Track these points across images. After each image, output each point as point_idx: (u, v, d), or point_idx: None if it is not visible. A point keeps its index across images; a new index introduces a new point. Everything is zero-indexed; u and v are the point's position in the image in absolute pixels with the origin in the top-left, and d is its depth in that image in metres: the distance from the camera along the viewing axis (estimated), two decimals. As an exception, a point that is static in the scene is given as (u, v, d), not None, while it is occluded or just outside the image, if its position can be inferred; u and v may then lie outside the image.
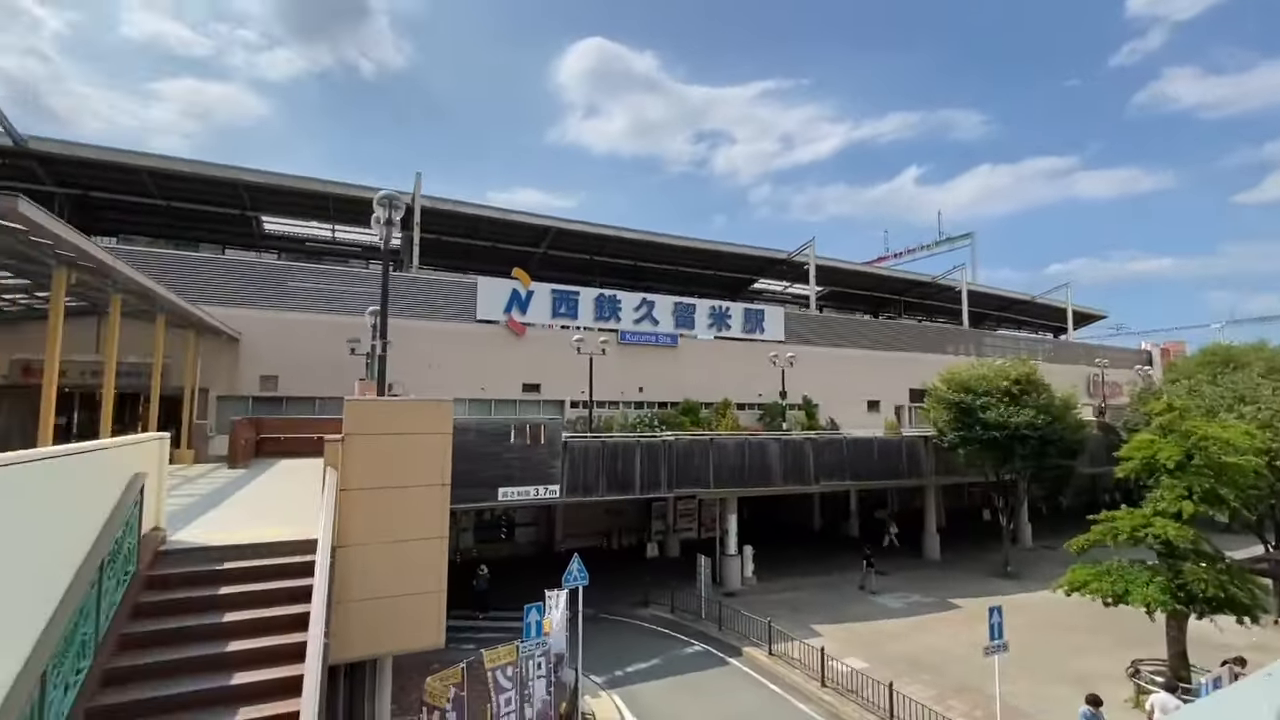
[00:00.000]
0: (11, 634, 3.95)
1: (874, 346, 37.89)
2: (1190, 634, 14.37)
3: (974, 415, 23.49)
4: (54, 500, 4.50)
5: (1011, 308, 52.30)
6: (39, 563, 4.29)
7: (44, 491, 4.34)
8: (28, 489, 4.10)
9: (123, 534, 5.45)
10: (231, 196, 27.11)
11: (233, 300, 23.05)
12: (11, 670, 3.92)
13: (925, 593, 22.64)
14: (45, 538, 4.40)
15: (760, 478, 22.36)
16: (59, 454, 4.53)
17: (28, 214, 8.22)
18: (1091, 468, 30.47)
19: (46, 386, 11.55)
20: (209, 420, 22.22)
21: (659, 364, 30.71)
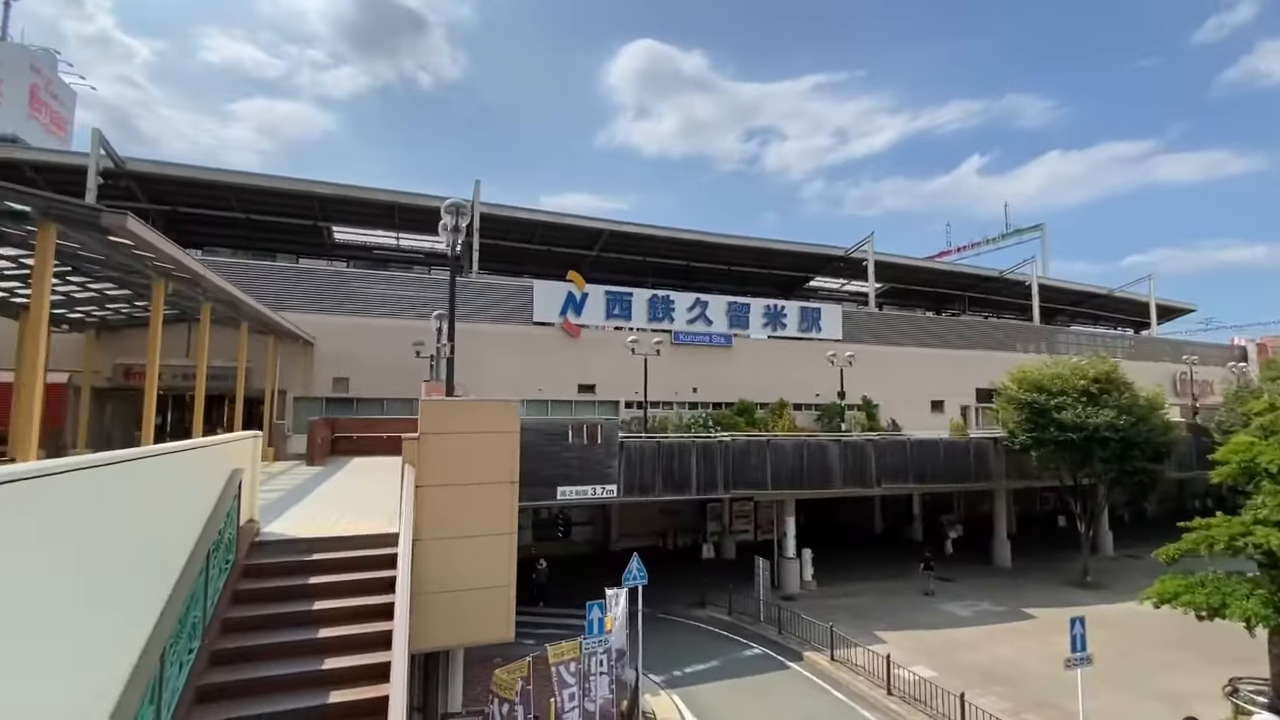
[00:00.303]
0: (138, 614, 4.33)
1: (937, 345, 36.58)
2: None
3: (1048, 416, 22.34)
4: (172, 491, 4.91)
5: (1087, 302, 49.46)
6: (160, 549, 4.68)
7: (164, 483, 4.73)
8: (152, 480, 4.49)
9: (225, 525, 5.88)
10: (305, 208, 28.60)
11: (308, 306, 24.31)
12: (138, 647, 4.29)
13: (996, 601, 21.69)
14: (165, 526, 4.80)
15: (820, 480, 21.94)
16: (178, 449, 4.93)
17: (135, 229, 8.93)
18: (1179, 472, 28.49)
19: (148, 389, 12.50)
20: (287, 420, 23.49)
21: (713, 364, 30.57)
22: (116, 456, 3.89)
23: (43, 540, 3.19)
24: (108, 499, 3.86)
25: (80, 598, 3.55)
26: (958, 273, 45.09)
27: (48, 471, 3.08)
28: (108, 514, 3.89)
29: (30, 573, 3.11)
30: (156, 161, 25.46)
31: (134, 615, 4.26)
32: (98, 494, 3.73)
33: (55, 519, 3.27)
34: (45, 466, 3.10)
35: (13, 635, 2.94)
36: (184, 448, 5.14)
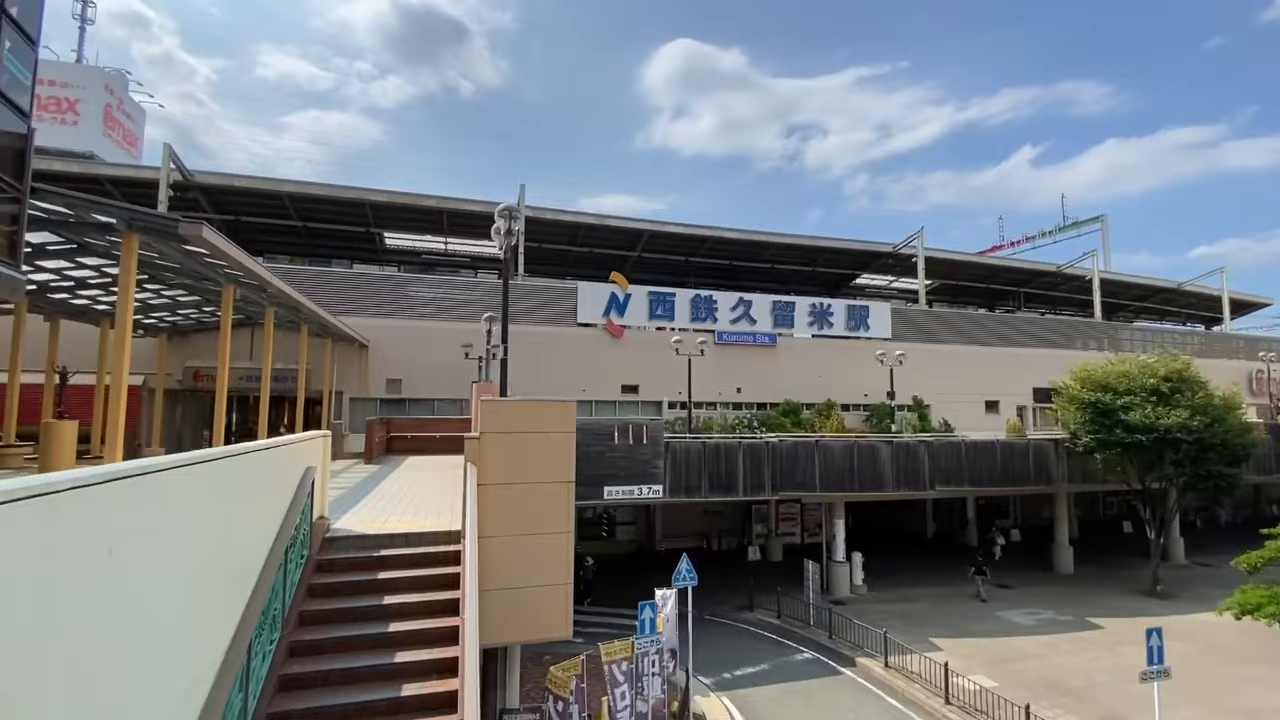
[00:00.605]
0: (230, 605, 4.54)
1: (991, 343, 35.35)
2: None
3: (1114, 416, 21.32)
4: (257, 487, 5.13)
5: (1153, 297, 46.99)
6: (248, 542, 4.90)
7: (251, 480, 4.95)
8: (242, 477, 4.70)
9: (300, 520, 6.11)
10: (358, 215, 29.56)
11: (363, 310, 25.10)
12: (229, 636, 4.50)
13: (1059, 609, 20.82)
14: (252, 520, 5.02)
15: (870, 482, 21.47)
16: (262, 448, 5.16)
17: (210, 238, 9.38)
18: (1258, 476, 26.82)
19: (219, 390, 13.12)
20: (344, 419, 24.31)
21: (757, 364, 30.25)
22: (212, 454, 4.09)
23: (159, 530, 3.37)
24: (207, 494, 4.05)
25: (187, 586, 3.74)
26: (1012, 268, 43.45)
27: (165, 466, 3.25)
28: (208, 507, 4.09)
29: (152, 560, 3.29)
30: (221, 174, 26.73)
31: (227, 605, 4.47)
32: (199, 489, 3.92)
33: (170, 511, 3.46)
34: (163, 462, 3.28)
35: (134, 621, 3.11)
36: (267, 446, 5.37)
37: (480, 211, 29.18)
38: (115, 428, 9.19)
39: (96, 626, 2.80)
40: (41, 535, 2.46)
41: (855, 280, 41.35)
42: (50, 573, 2.51)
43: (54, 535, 2.53)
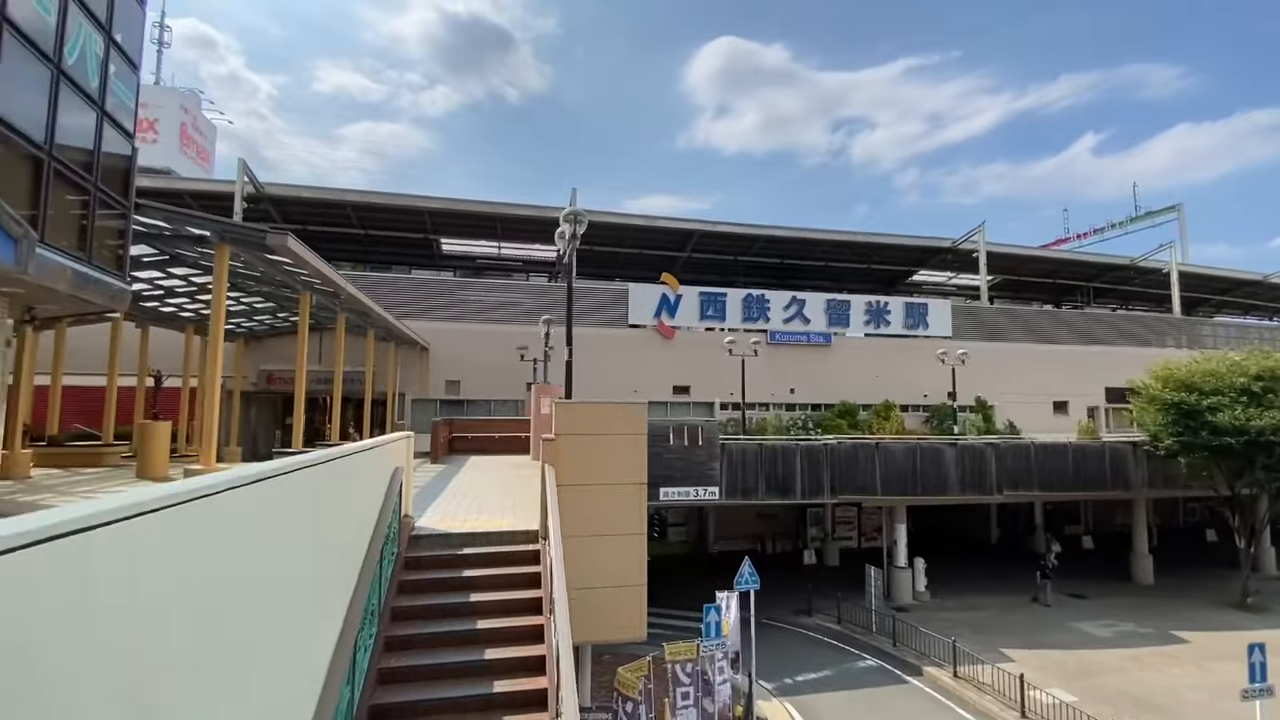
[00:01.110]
0: (339, 599, 4.74)
1: (1059, 340, 33.81)
2: None
3: (1200, 418, 20.05)
4: (357, 486, 5.36)
5: (1235, 290, 44.03)
6: (351, 539, 5.11)
7: (352, 479, 5.17)
8: (345, 476, 4.91)
9: (392, 518, 6.34)
10: (416, 222, 30.49)
11: (423, 314, 25.87)
12: (338, 630, 4.69)
13: (1139, 621, 19.73)
14: (355, 517, 5.24)
15: (933, 486, 20.82)
16: (362, 449, 5.38)
17: (294, 248, 9.84)
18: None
19: (297, 391, 13.73)
20: (406, 420, 25.09)
21: (811, 364, 29.77)
22: (330, 454, 4.29)
23: (287, 526, 3.55)
24: (323, 492, 4.25)
25: (311, 578, 3.92)
26: (1080, 261, 41.41)
27: (299, 466, 3.42)
28: (324, 505, 4.28)
29: (284, 551, 3.46)
30: (290, 185, 28.02)
31: (338, 599, 4.67)
32: (316, 488, 4.12)
33: (295, 509, 3.64)
34: (292, 463, 3.45)
35: (275, 610, 3.28)
36: (365, 447, 5.59)
37: (532, 216, 29.69)
38: (210, 428, 9.74)
39: (251, 614, 2.95)
40: (208, 530, 2.62)
41: (912, 277, 40.21)
42: (216, 566, 2.67)
43: (217, 529, 2.69)
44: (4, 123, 6.40)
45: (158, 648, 2.23)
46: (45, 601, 1.63)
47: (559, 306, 26.95)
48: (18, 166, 6.82)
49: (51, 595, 1.66)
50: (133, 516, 2.05)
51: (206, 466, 9.51)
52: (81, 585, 1.83)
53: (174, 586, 2.34)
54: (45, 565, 1.61)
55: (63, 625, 1.71)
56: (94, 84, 8.05)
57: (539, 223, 30.27)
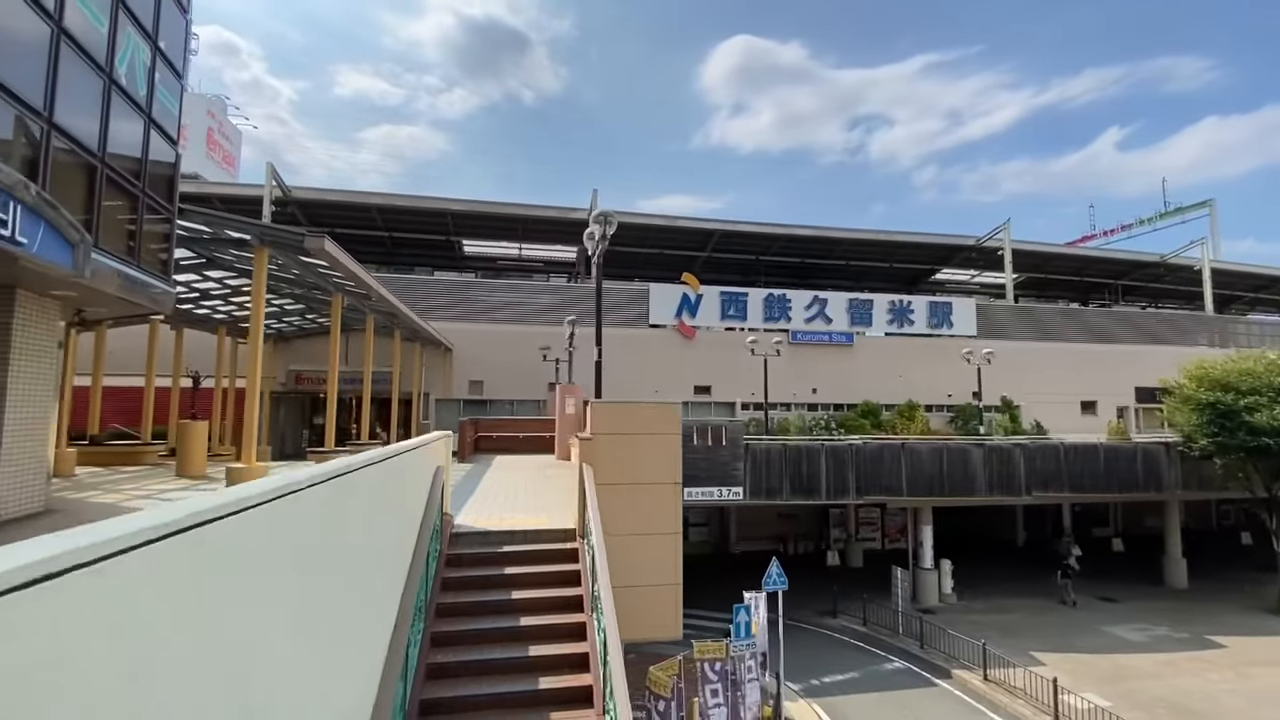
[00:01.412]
0: (393, 594, 4.83)
1: (1087, 339, 33.24)
2: None
3: (1236, 418, 19.61)
4: (407, 483, 5.46)
5: (1271, 287, 42.93)
6: (403, 535, 5.21)
7: (403, 476, 5.27)
8: (398, 474, 5.01)
9: (435, 516, 6.44)
10: (439, 224, 30.80)
11: (447, 315, 26.13)
12: (391, 625, 4.79)
13: (1173, 626, 19.34)
14: (405, 514, 5.34)
15: (961, 487, 20.58)
16: (411, 447, 5.49)
17: (331, 250, 10.02)
18: None
19: (329, 392, 13.95)
20: (431, 420, 25.37)
21: (832, 364, 29.58)
22: (383, 454, 4.38)
23: (350, 522, 3.63)
24: (378, 489, 4.35)
25: (369, 574, 4.01)
26: (1108, 259, 40.64)
27: (366, 463, 3.51)
28: (379, 502, 4.38)
29: (348, 548, 3.55)
30: (316, 189, 28.48)
31: (392, 596, 4.76)
32: (374, 485, 4.21)
33: (356, 505, 3.72)
34: (360, 460, 3.54)
35: (342, 607, 3.36)
36: (413, 446, 5.70)
37: (553, 218, 29.85)
38: (250, 427, 9.95)
39: (330, 608, 3.03)
40: (294, 525, 2.69)
41: (934, 276, 39.77)
42: (301, 561, 2.75)
43: (301, 524, 2.76)
44: (64, 133, 6.61)
45: (255, 642, 2.29)
46: (164, 594, 1.68)
47: (581, 306, 27.11)
48: (74, 174, 7.04)
49: (168, 590, 1.71)
50: (239, 511, 2.12)
51: (249, 466, 9.71)
52: (195, 581, 1.89)
53: (271, 581, 2.41)
54: (162, 560, 1.66)
55: (173, 617, 1.75)
56: (142, 92, 8.27)
57: (560, 224, 30.47)
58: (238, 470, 9.66)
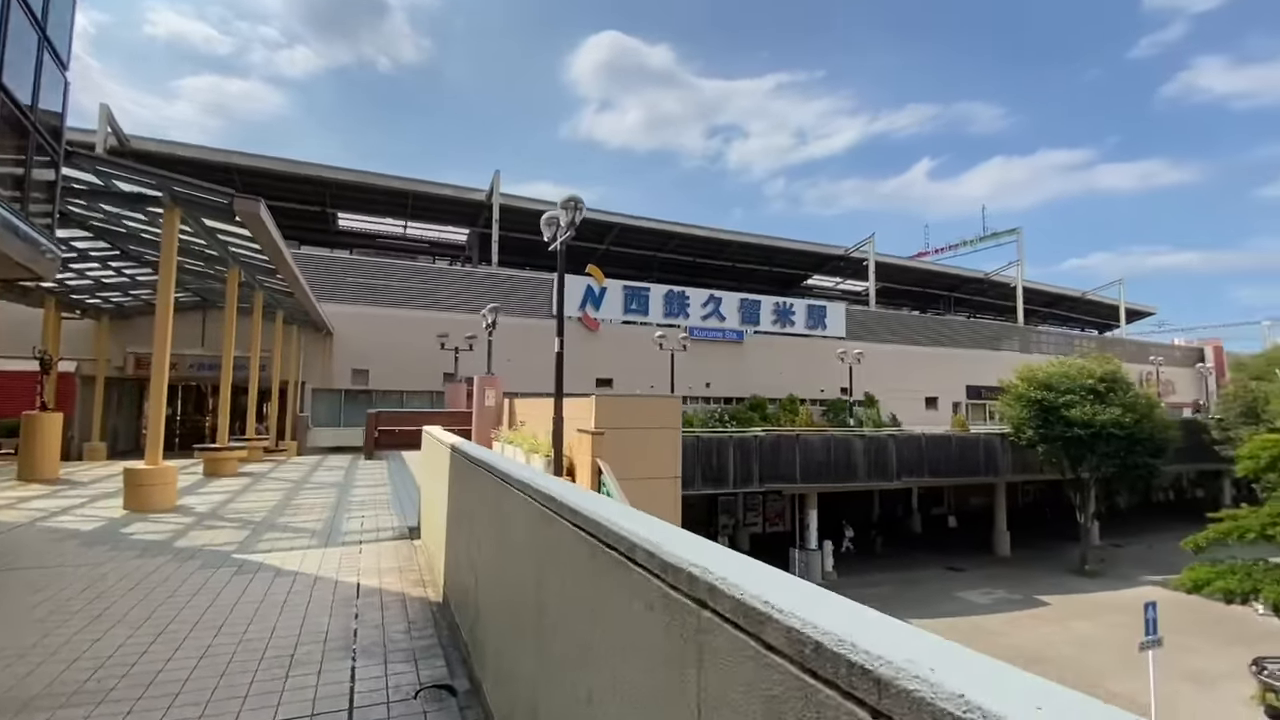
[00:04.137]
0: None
1: (931, 343, 37.85)
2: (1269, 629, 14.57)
3: (1056, 413, 23.50)
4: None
5: (1059, 304, 51.86)
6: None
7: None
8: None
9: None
10: (315, 194, 27.69)
11: (328, 296, 23.60)
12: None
13: (1009, 589, 22.74)
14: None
15: (845, 474, 22.60)
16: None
17: (265, 217, 8.64)
18: (1165, 466, 30.31)
19: (223, 380, 12.07)
20: (308, 412, 22.83)
21: (725, 360, 30.97)
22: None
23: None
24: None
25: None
26: (947, 274, 46.64)
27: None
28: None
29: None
30: (165, 141, 24.25)
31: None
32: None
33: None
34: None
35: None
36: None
37: (450, 197, 28.18)
38: (156, 425, 8.31)
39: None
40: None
41: (806, 281, 43.04)
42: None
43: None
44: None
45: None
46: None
47: (480, 293, 25.88)
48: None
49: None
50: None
51: (153, 466, 8.12)
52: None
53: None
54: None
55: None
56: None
57: (456, 204, 28.82)
58: (140, 472, 8.02)
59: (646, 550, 1.46)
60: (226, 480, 11.23)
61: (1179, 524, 33.94)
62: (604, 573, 1.62)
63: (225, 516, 8.39)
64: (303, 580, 5.60)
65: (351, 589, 5.35)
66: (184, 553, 6.60)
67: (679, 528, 1.73)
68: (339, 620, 4.57)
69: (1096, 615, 19.71)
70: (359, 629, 4.39)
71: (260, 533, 7.56)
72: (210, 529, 7.70)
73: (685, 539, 1.53)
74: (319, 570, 5.94)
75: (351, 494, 10.84)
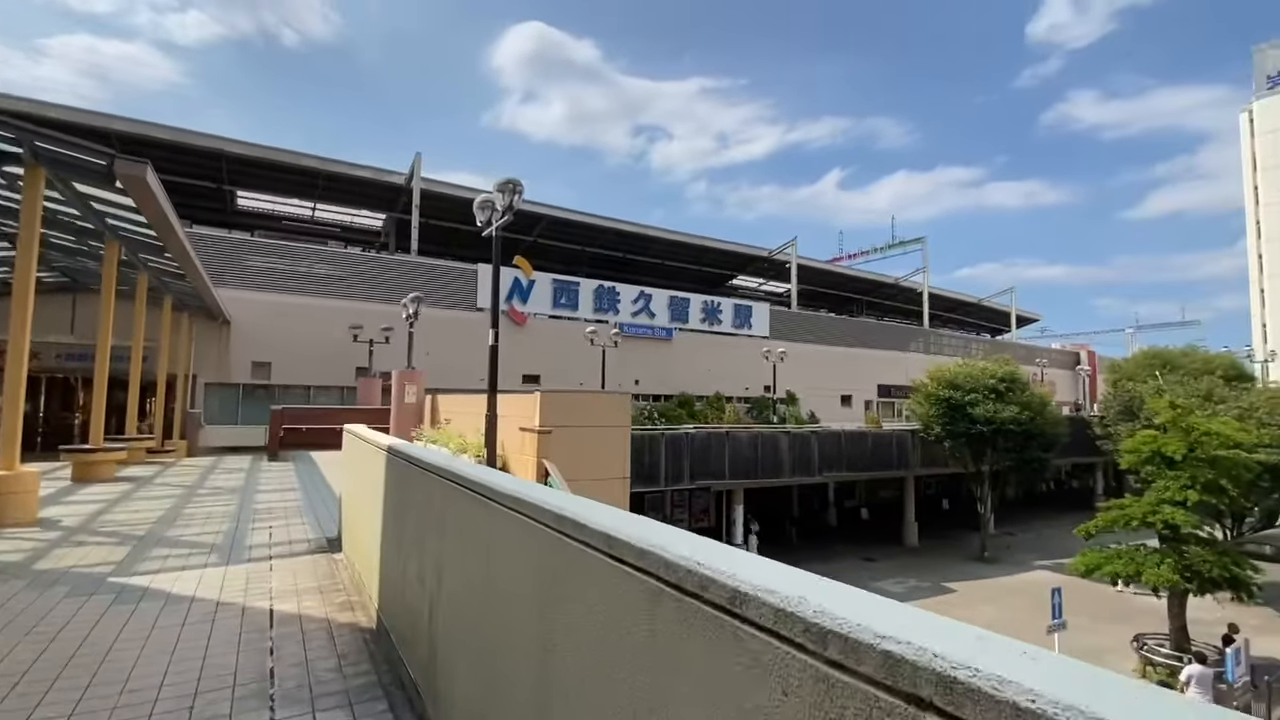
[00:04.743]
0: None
1: (846, 343, 39.48)
2: (1140, 607, 16.16)
3: (962, 411, 25.01)
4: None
5: (959, 309, 55.62)
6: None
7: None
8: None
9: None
10: (210, 168, 25.09)
11: (224, 280, 21.43)
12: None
13: (919, 577, 23.98)
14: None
15: (771, 470, 23.05)
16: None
17: (152, 184, 7.47)
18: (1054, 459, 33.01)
19: (98, 370, 10.53)
20: (200, 409, 20.66)
21: (654, 356, 30.89)
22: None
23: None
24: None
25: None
26: (860, 278, 48.86)
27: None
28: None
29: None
30: (30, 100, 21.07)
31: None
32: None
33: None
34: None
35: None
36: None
37: (366, 179, 26.42)
38: (14, 421, 6.98)
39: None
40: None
41: (731, 281, 43.79)
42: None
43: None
44: None
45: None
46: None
47: (399, 282, 24.43)
48: None
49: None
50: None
51: (8, 472, 6.82)
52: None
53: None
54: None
55: None
56: None
57: (372, 186, 27.06)
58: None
59: (759, 600, 1.02)
60: (101, 487, 9.75)
61: (1060, 512, 37.30)
62: (680, 635, 1.17)
63: (100, 531, 7.21)
64: (201, 608, 4.76)
65: (264, 616, 4.59)
66: (46, 577, 5.53)
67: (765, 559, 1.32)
68: (250, 658, 3.85)
69: (998, 599, 21.12)
70: (276, 668, 3.71)
71: (145, 550, 6.51)
72: (80, 546, 6.56)
73: (800, 578, 1.12)
74: (221, 594, 5.09)
75: (256, 500, 9.70)
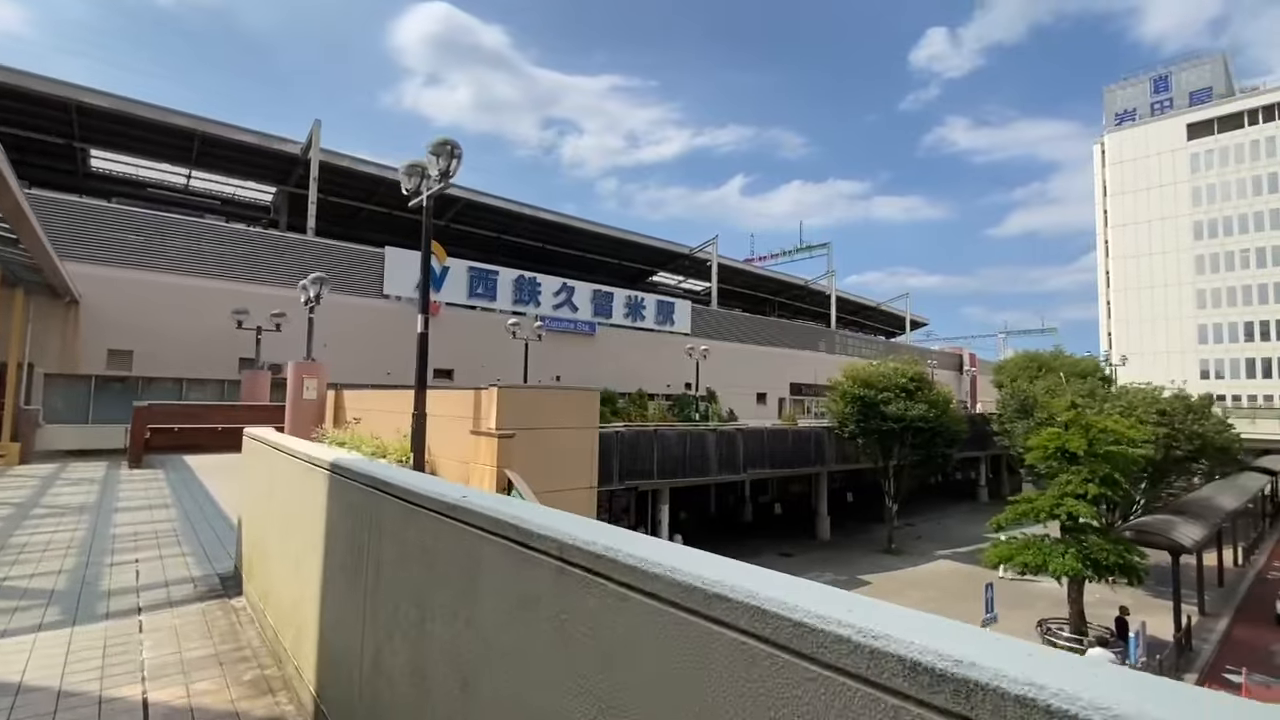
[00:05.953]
0: None
1: (762, 342, 40.23)
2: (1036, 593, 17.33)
3: (876, 408, 25.92)
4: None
5: (860, 312, 58.55)
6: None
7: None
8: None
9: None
10: (58, 121, 21.14)
11: (73, 252, 18.08)
12: None
13: (835, 571, 24.58)
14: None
15: (699, 468, 22.72)
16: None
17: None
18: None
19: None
20: (38, 405, 17.26)
21: (576, 352, 29.82)
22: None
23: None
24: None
25: None
26: (774, 279, 50.09)
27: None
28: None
29: None
30: None
31: None
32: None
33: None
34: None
35: None
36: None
37: (253, 145, 23.44)
38: None
39: None
40: None
41: (652, 277, 43.41)
42: None
43: None
44: None
45: None
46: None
47: (293, 263, 21.85)
48: None
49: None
50: None
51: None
52: None
53: None
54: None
55: None
56: None
57: (260, 154, 24.02)
58: None
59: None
60: (-109, 506, 7.41)
61: (952, 502, 39.93)
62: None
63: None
64: (30, 707, 3.27)
65: (134, 716, 3.18)
66: None
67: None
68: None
69: (910, 590, 21.95)
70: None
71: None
72: None
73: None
74: (64, 678, 3.55)
75: (115, 522, 7.80)
